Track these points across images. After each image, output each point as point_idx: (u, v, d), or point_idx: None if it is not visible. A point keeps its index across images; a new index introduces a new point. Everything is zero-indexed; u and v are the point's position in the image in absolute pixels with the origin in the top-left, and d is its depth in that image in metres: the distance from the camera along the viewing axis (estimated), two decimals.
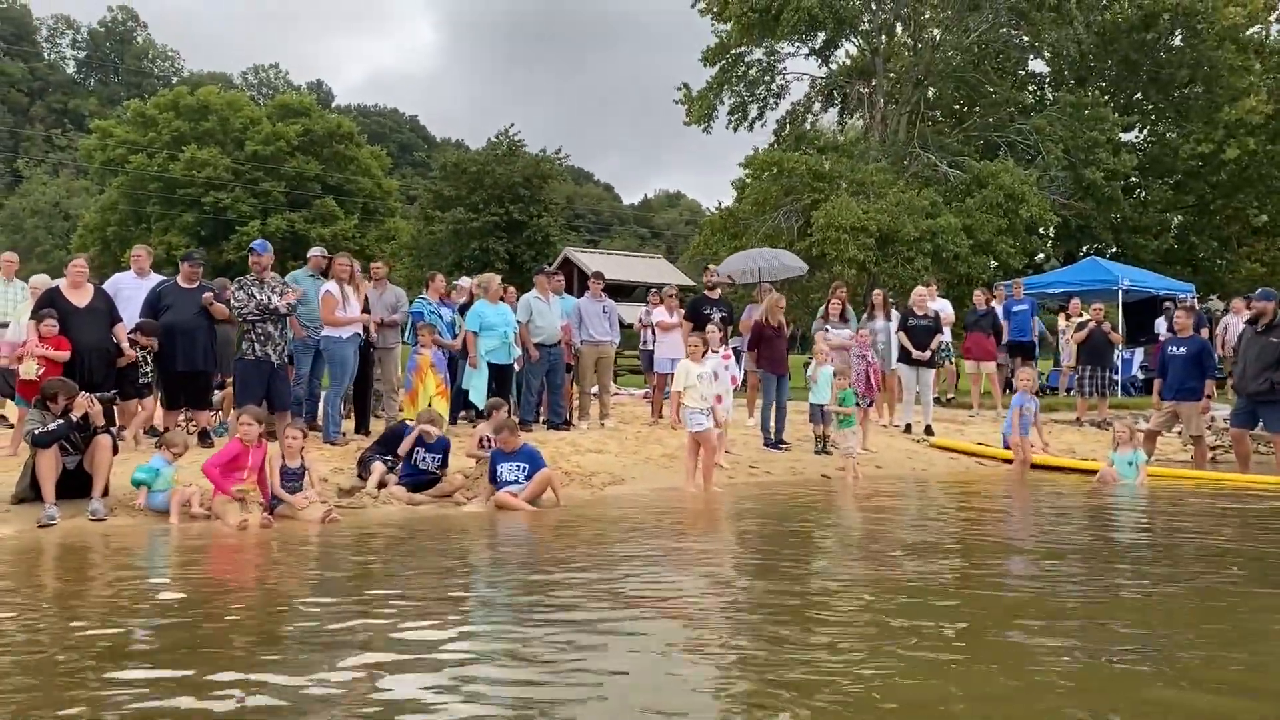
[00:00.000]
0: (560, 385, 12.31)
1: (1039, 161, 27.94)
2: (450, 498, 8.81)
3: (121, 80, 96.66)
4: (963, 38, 29.45)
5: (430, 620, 4.80)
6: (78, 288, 9.18)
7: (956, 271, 23.61)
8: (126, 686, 3.74)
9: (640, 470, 10.45)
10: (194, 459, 8.65)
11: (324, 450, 9.69)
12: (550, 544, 7.19)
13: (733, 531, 8.00)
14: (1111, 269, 21.51)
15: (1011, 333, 16.56)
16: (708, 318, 12.28)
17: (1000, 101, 30.80)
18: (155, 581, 5.89)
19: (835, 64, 32.74)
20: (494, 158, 43.09)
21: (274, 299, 9.63)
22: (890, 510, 9.18)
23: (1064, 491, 10.33)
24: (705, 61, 31.04)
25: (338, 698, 3.64)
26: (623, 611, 4.96)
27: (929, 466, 12.10)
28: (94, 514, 7.48)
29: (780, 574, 6.01)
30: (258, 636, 4.55)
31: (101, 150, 50.82)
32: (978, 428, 14.27)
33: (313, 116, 52.41)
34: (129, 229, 47.57)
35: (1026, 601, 5.29)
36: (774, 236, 25.38)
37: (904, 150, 28.99)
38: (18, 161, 72.21)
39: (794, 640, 4.41)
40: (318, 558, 6.78)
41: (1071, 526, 8.20)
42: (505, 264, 39.19)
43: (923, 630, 4.54)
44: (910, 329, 13.47)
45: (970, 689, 3.75)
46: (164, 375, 9.70)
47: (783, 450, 11.81)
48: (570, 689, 3.75)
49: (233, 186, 47.70)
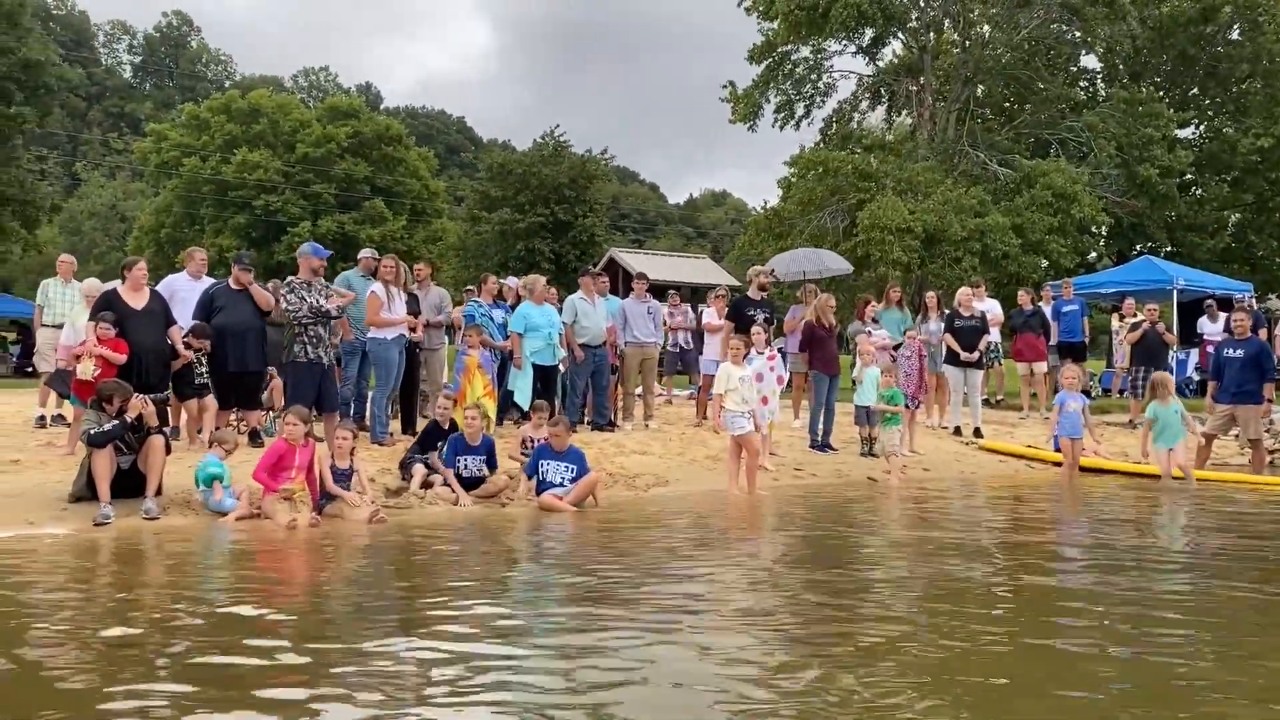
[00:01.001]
0: (605, 386, 12.33)
1: (1091, 159, 27.47)
2: (495, 498, 8.87)
3: (176, 84, 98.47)
4: (1013, 34, 29.03)
5: (476, 619, 4.83)
6: (138, 290, 9.36)
7: (1006, 271, 23.30)
8: (175, 681, 3.81)
9: (685, 472, 10.45)
10: (245, 458, 8.81)
11: (372, 451, 9.80)
12: (596, 545, 7.20)
13: (776, 534, 7.96)
14: (1166, 268, 21.08)
15: (1061, 333, 16.31)
16: (751, 319, 12.21)
17: (1051, 98, 30.28)
18: (206, 578, 5.99)
19: (883, 62, 32.43)
20: (540, 159, 43.27)
21: (324, 302, 9.76)
22: (935, 513, 9.08)
23: (1116, 496, 10.15)
24: (751, 60, 30.89)
25: (384, 691, 3.68)
26: (668, 615, 4.95)
27: (977, 469, 11.96)
28: (147, 513, 7.62)
29: (822, 578, 5.97)
30: (301, 632, 4.60)
31: (156, 153, 51.76)
32: (1028, 430, 14.07)
33: (362, 119, 52.95)
34: (183, 231, 48.41)
35: (1076, 610, 5.20)
36: (819, 236, 25.22)
37: (952, 148, 28.64)
38: (76, 165, 73.84)
39: (838, 649, 4.37)
40: (364, 556, 6.86)
41: (1121, 532, 8.06)
42: (551, 264, 39.31)
43: (970, 638, 4.48)
44: (957, 330, 13.32)
45: (1015, 698, 3.70)
46: (216, 376, 9.87)
47: (829, 453, 11.73)
48: (615, 691, 3.75)
49: (283, 189, 48.35)
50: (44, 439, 10.19)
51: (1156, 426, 11.09)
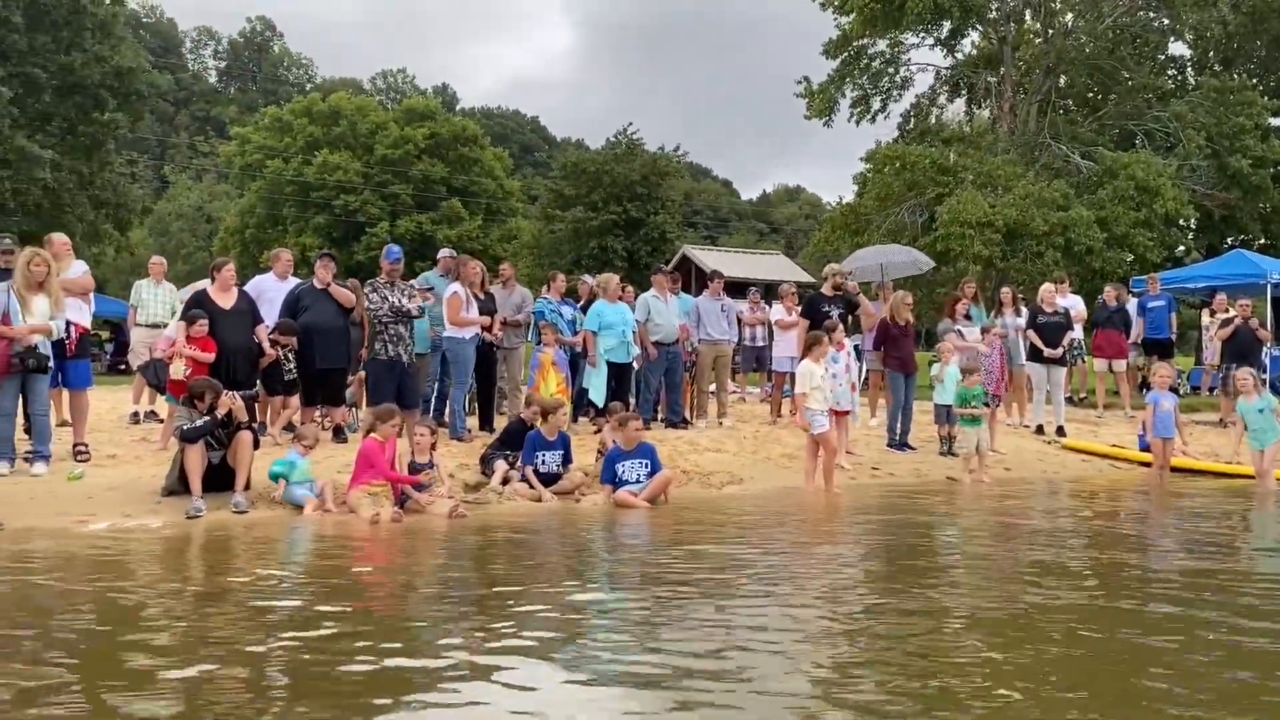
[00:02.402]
0: (678, 384, 12.35)
1: (1179, 150, 26.64)
2: (571, 494, 8.95)
3: (259, 87, 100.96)
4: (1097, 23, 28.29)
5: (558, 610, 4.89)
6: (227, 291, 9.64)
7: (1090, 266, 22.72)
8: (266, 668, 3.93)
9: (759, 470, 10.41)
10: (328, 454, 9.03)
11: (450, 447, 9.96)
12: (673, 541, 7.22)
13: (853, 533, 7.88)
14: (1260, 262, 20.32)
15: (1147, 330, 15.88)
16: (826, 315, 12.12)
17: (1137, 88, 29.39)
18: (293, 570, 6.17)
19: (961, 54, 31.86)
20: (613, 157, 43.48)
21: (405, 301, 9.97)
22: (1017, 515, 8.90)
23: (1208, 498, 9.84)
24: (827, 54, 30.60)
25: (461, 681, 3.74)
26: (746, 611, 4.95)
27: (1060, 469, 11.69)
28: (237, 506, 7.86)
29: (899, 576, 5.91)
30: (380, 625, 4.71)
31: (240, 156, 53.21)
32: (1112, 429, 13.72)
33: (438, 120, 53.73)
34: (266, 231, 49.66)
35: (1173, 621, 5.06)
36: (897, 232, 24.88)
37: (1034, 141, 28.03)
38: (165, 168, 76.19)
39: (914, 655, 4.33)
40: (446, 549, 6.98)
41: (1214, 537, 7.82)
42: (624, 262, 39.47)
43: (1056, 645, 4.40)
44: (1040, 326, 13.04)
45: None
46: (302, 373, 10.12)
47: (907, 452, 11.59)
48: (697, 691, 3.76)
49: (362, 189, 49.29)
50: (138, 434, 10.56)
51: (1248, 425, 10.77)
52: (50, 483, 8.07)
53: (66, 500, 7.72)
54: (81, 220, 32.46)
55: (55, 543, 6.65)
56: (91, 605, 5.07)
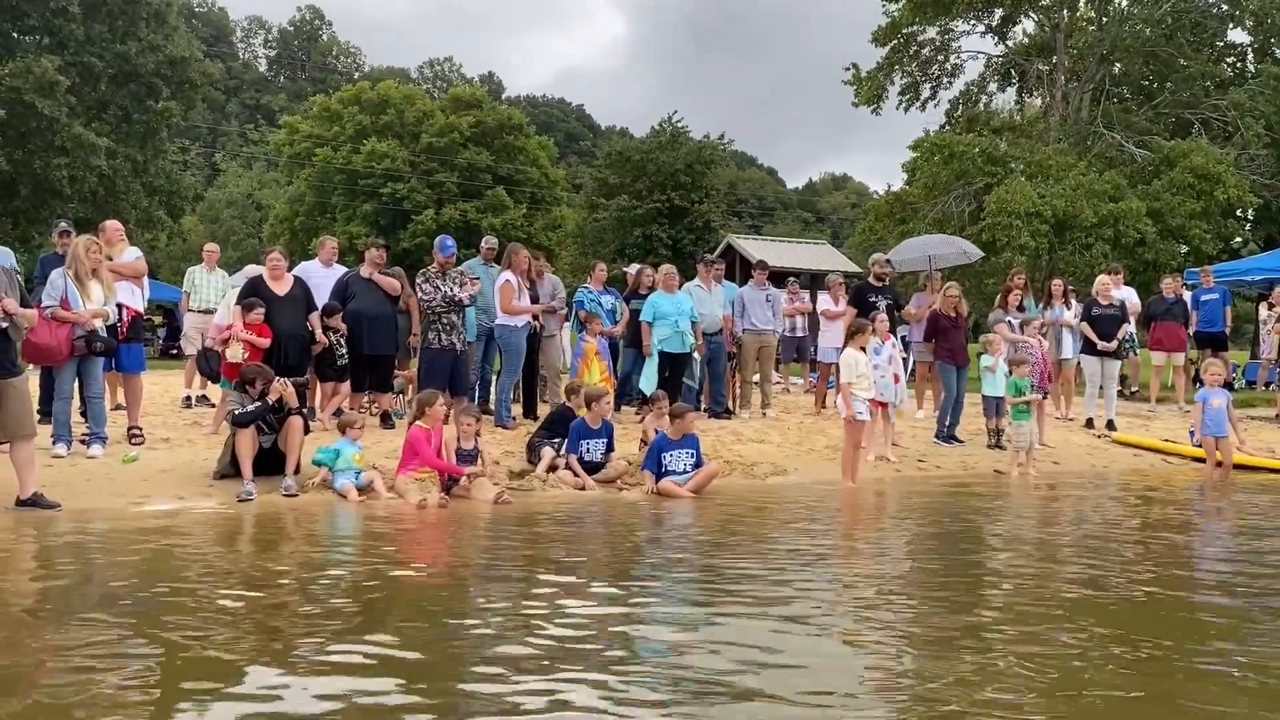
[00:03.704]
0: (721, 374, 12.32)
1: (1237, 139, 26.04)
2: (614, 483, 8.98)
3: (308, 76, 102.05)
4: (1153, 9, 27.71)
5: (603, 600, 4.92)
6: (277, 280, 9.79)
7: (1141, 259, 22.30)
8: (312, 648, 3.99)
9: (803, 461, 10.37)
10: (374, 440, 9.14)
11: (496, 434, 10.03)
12: (720, 532, 7.22)
13: (899, 526, 7.83)
14: None
15: (1200, 323, 15.59)
16: (873, 305, 12.03)
17: (1195, 76, 28.73)
18: (340, 555, 6.26)
19: (1013, 41, 31.39)
20: (657, 145, 43.37)
21: (457, 290, 10.08)
22: (1065, 510, 8.78)
23: (1263, 494, 9.64)
24: (876, 42, 30.30)
25: (490, 674, 3.78)
26: (790, 602, 4.94)
27: (1110, 463, 11.52)
28: (287, 490, 7.98)
29: (942, 570, 5.87)
30: (421, 610, 4.76)
31: (289, 144, 53.77)
32: (1164, 423, 13.48)
33: (484, 109, 53.92)
34: (315, 219, 50.15)
35: (1223, 626, 4.97)
36: (944, 221, 24.59)
37: (1087, 130, 27.55)
38: (216, 156, 77.32)
39: (954, 644, 4.30)
40: (491, 535, 7.04)
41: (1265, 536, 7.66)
42: (668, 250, 39.41)
43: (1097, 644, 4.35)
44: (1094, 319, 12.85)
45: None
46: (351, 359, 10.25)
47: (954, 445, 11.48)
48: (735, 676, 3.77)
49: (409, 177, 49.63)
50: (190, 418, 10.75)
51: None
52: (106, 465, 8.25)
53: (122, 482, 7.89)
54: (135, 207, 33.09)
55: (111, 523, 6.80)
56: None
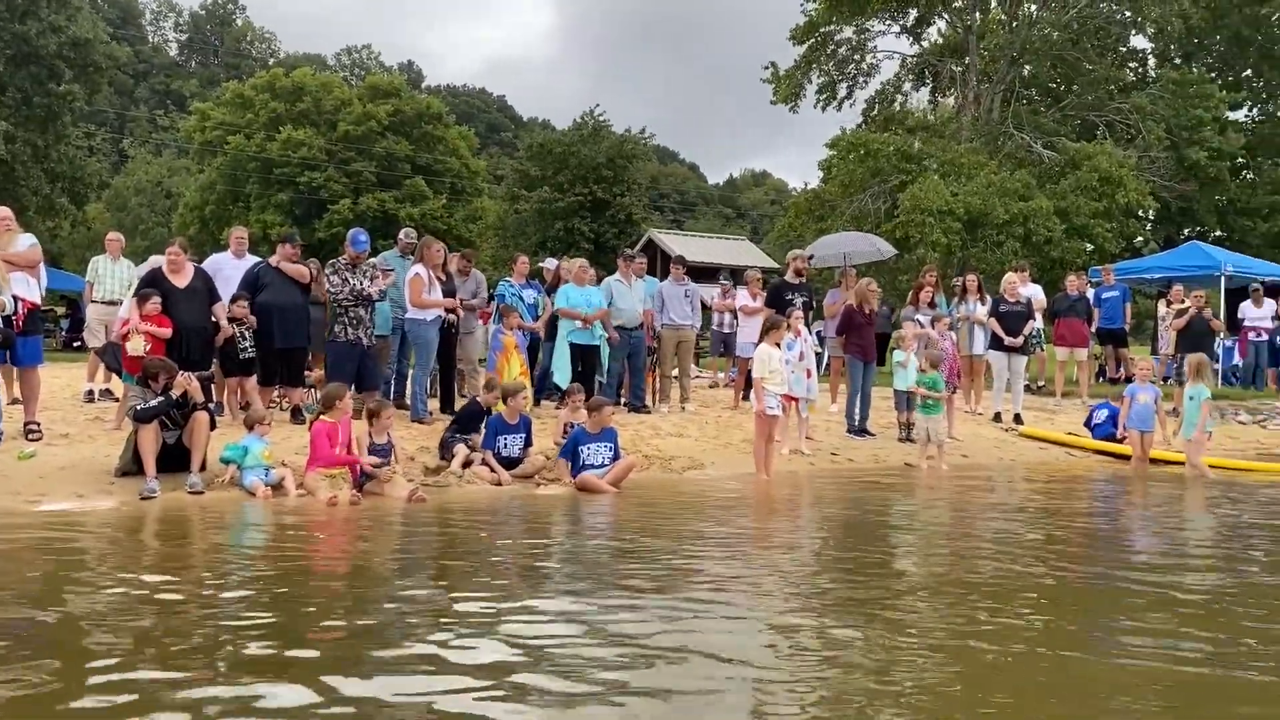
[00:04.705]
0: (641, 368, 12.37)
1: (1139, 141, 26.98)
2: (532, 478, 8.93)
3: (221, 62, 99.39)
4: (1061, 14, 28.54)
5: (510, 596, 4.89)
6: (176, 272, 9.50)
7: (1049, 256, 22.97)
8: (214, 654, 3.90)
9: (721, 455, 10.45)
10: (285, 435, 8.95)
11: (411, 429, 9.91)
12: (633, 526, 7.24)
13: (811, 519, 7.95)
14: (1214, 254, 20.67)
15: (1102, 320, 16.14)
16: (789, 303, 12.18)
17: (1099, 79, 29.72)
18: (244, 553, 6.12)
19: (927, 42, 32.05)
20: (579, 138, 43.25)
21: (366, 284, 9.91)
22: (974, 500, 9.02)
23: (1170, 485, 10.03)
24: (794, 40, 30.66)
25: (415, 668, 3.74)
26: (703, 597, 4.97)
27: (1017, 456, 11.86)
28: (192, 487, 7.78)
29: (853, 561, 5.97)
30: (336, 609, 4.68)
31: (201, 131, 52.36)
32: (1068, 416, 13.91)
33: (402, 97, 53.20)
34: (227, 208, 48.96)
35: (1114, 602, 5.16)
36: (860, 218, 25.02)
37: (997, 130, 28.26)
38: (124, 142, 74.84)
39: (869, 635, 4.38)
40: (403, 533, 6.95)
41: (1142, 523, 7.98)
42: (590, 244, 39.35)
43: (1000, 629, 4.47)
44: (1002, 315, 13.22)
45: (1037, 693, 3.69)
46: (262, 353, 10.02)
47: (866, 438, 11.69)
48: (654, 672, 3.78)
49: (325, 166, 48.73)
50: (92, 413, 10.40)
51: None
52: (1, 461, 7.94)
53: (17, 479, 7.59)
54: (36, 193, 31.87)
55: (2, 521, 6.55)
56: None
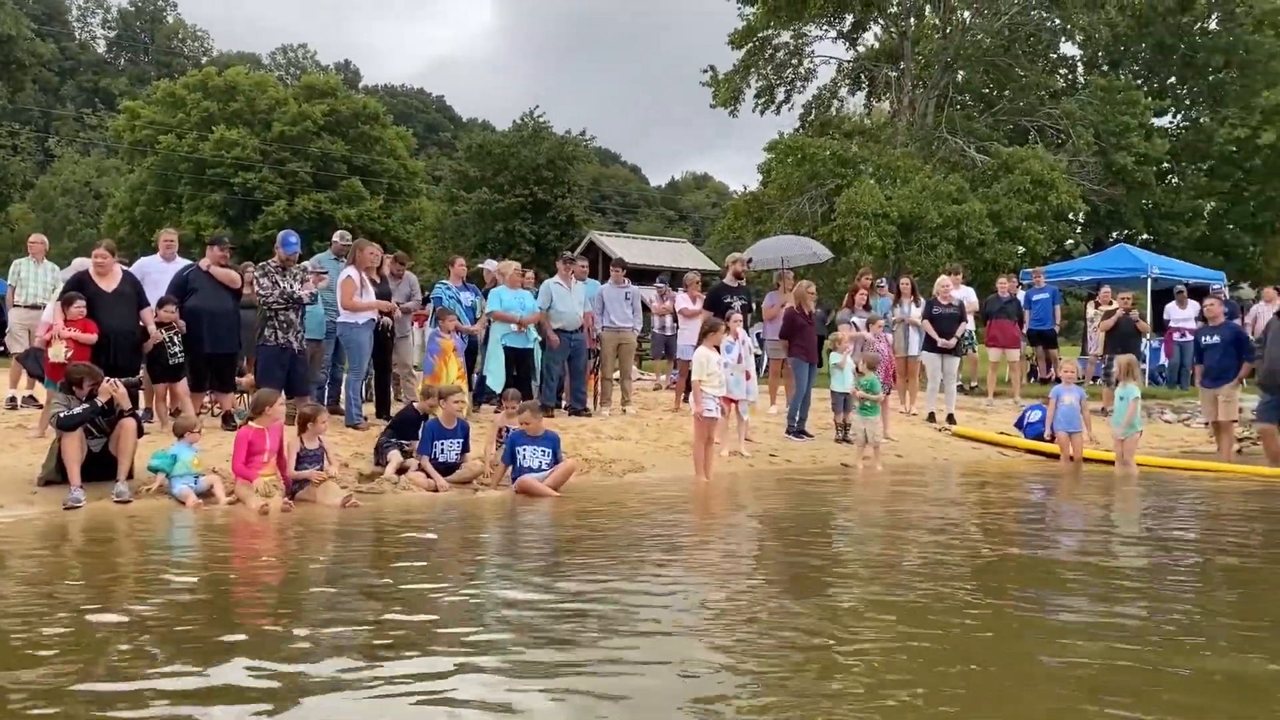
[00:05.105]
0: (582, 371, 12.34)
1: (1069, 146, 27.60)
2: (469, 484, 8.86)
3: (152, 60, 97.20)
4: (993, 21, 29.08)
5: (451, 603, 4.84)
6: (103, 275, 9.26)
7: (981, 259, 23.39)
8: (134, 666, 3.80)
9: (661, 458, 10.47)
10: (215, 442, 8.77)
11: (346, 435, 9.77)
12: (569, 532, 7.21)
13: (751, 521, 7.99)
14: (1140, 256, 21.25)
15: (1033, 321, 16.50)
16: (728, 305, 12.25)
17: (1030, 85, 30.35)
18: (172, 564, 5.97)
19: (863, 47, 32.45)
20: (519, 139, 43.09)
21: (297, 288, 9.74)
22: (911, 500, 9.14)
23: (1076, 485, 10.26)
24: (732, 45, 30.83)
25: (353, 679, 3.68)
26: (644, 602, 4.97)
27: (951, 456, 12.06)
28: (119, 496, 7.58)
29: (794, 563, 6.01)
30: (268, 620, 4.59)
31: (130, 130, 51.21)
32: (1000, 416, 14.18)
33: (339, 97, 52.57)
34: (158, 209, 47.97)
35: (1054, 598, 5.27)
36: (798, 221, 25.23)
37: (932, 135, 28.70)
38: (49, 140, 72.82)
39: (812, 638, 4.41)
40: (336, 541, 6.84)
41: (1070, 522, 8.16)
42: (531, 245, 39.24)
43: (937, 631, 4.53)
44: (935, 317, 13.44)
45: (982, 691, 3.75)
46: (191, 358, 9.81)
47: (804, 439, 11.79)
48: (592, 678, 3.77)
49: (260, 167, 47.95)
50: (14, 421, 10.10)
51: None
52: None
53: None
54: None
55: None
56: None
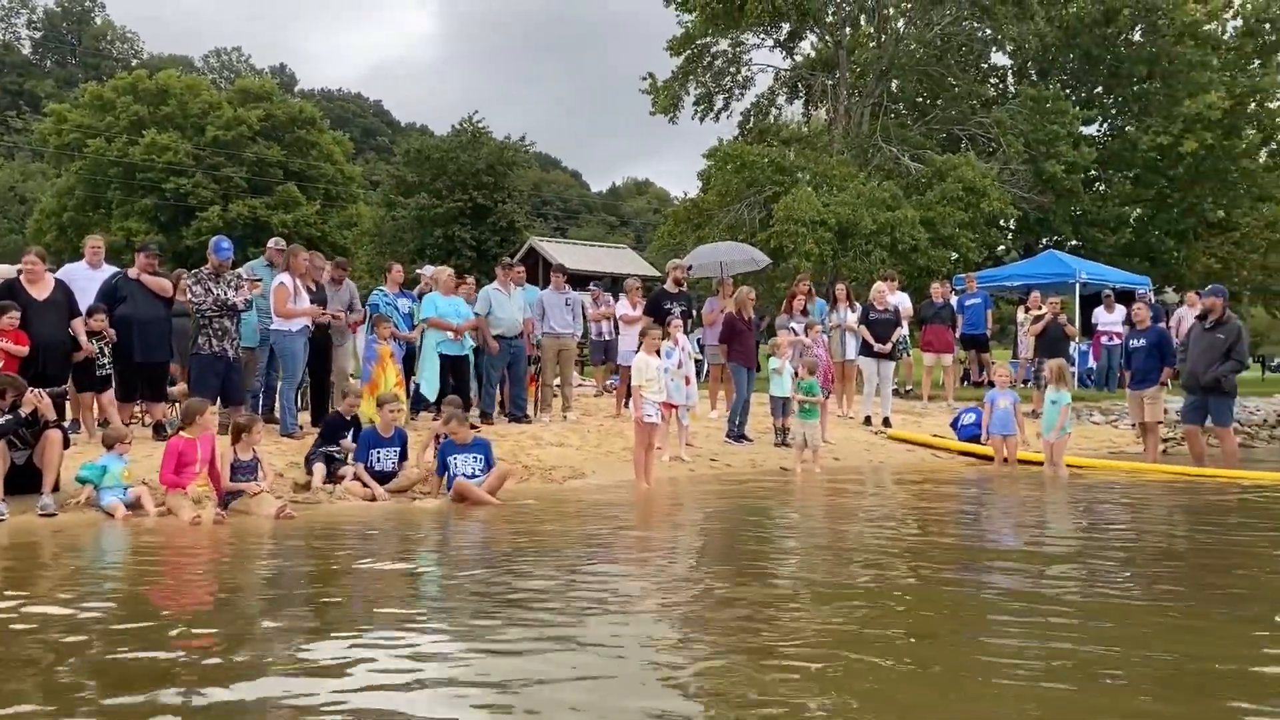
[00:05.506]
0: (521, 378, 12.30)
1: (1000, 155, 28.15)
2: (407, 492, 8.78)
3: (79, 62, 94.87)
4: (926, 30, 29.56)
5: (386, 618, 4.80)
6: (34, 283, 9.02)
7: (915, 264, 23.74)
8: (67, 685, 3.72)
9: (602, 464, 10.48)
10: (147, 452, 8.59)
11: (281, 444, 9.64)
12: (511, 539, 7.18)
13: (691, 526, 8.04)
14: (1069, 262, 21.75)
15: (965, 326, 16.82)
16: (668, 311, 12.30)
17: (963, 94, 30.91)
18: (97, 579, 5.84)
19: (800, 56, 32.78)
20: (458, 144, 42.74)
21: (231, 294, 9.59)
22: (850, 502, 9.26)
23: (1009, 485, 10.48)
24: (671, 52, 30.94)
25: (292, 697, 3.64)
26: (583, 610, 4.97)
27: (887, 458, 12.24)
28: (44, 509, 7.40)
29: (735, 568, 6.06)
30: (204, 636, 4.52)
31: (57, 134, 49.93)
32: (934, 419, 14.43)
33: (274, 101, 51.80)
34: (87, 214, 46.86)
35: (988, 601, 5.37)
36: (736, 228, 25.38)
37: (867, 143, 29.08)
38: None
39: (752, 641, 4.45)
40: (271, 554, 6.73)
41: (1003, 523, 8.33)
42: (472, 251, 38.96)
43: (877, 630, 4.60)
44: (871, 323, 13.65)
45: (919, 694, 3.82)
46: (122, 367, 9.60)
47: (744, 444, 11.89)
48: (535, 687, 3.76)
49: (193, 172, 47.04)
50: None
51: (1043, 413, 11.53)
52: None
53: None
54: None
55: None
56: None
